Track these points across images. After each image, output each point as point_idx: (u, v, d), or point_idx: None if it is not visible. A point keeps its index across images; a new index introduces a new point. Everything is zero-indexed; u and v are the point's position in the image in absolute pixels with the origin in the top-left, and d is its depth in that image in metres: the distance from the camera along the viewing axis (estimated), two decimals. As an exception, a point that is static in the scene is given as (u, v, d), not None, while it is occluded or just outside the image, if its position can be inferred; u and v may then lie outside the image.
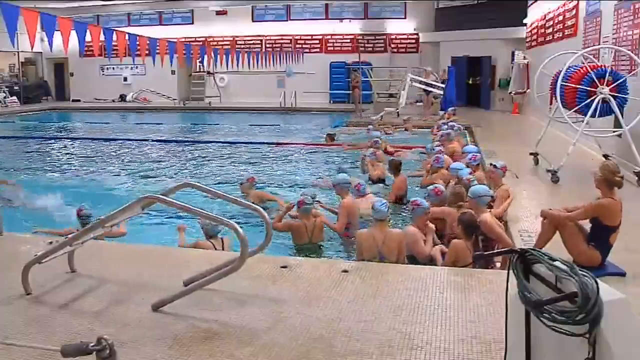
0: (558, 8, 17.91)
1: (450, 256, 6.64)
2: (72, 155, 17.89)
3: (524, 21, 23.70)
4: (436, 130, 16.15)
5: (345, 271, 5.73)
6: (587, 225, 6.02)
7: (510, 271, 2.67)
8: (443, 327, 4.54)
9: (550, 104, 12.79)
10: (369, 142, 14.58)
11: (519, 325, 2.67)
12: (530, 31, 23.18)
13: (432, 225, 7.53)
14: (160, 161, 15.92)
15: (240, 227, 4.58)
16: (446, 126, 16.01)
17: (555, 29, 18.39)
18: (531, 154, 12.01)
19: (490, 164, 9.54)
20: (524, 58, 23.31)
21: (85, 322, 4.66)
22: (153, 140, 19.86)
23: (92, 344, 2.59)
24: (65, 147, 19.72)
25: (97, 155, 17.55)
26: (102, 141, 20.42)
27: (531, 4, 22.86)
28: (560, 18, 17.58)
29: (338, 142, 17.55)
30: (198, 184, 5.79)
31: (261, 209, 5.09)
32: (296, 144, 18.23)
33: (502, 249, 2.93)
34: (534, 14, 22.41)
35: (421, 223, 7.39)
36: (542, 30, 20.46)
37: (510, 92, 24.02)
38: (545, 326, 2.45)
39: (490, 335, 4.33)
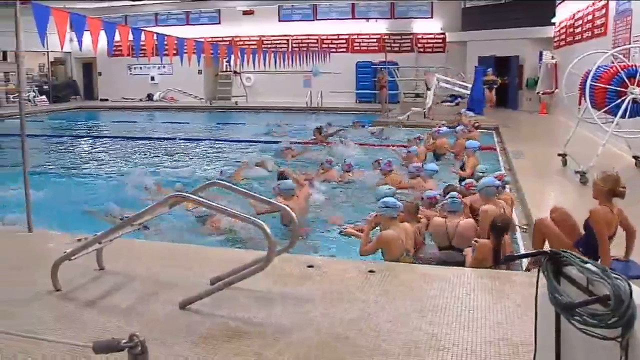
0: (587, 7, 17.72)
1: (478, 255, 6.61)
2: (100, 154, 18.08)
3: (552, 20, 23.49)
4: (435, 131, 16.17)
5: (372, 271, 5.72)
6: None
7: (541, 273, 2.64)
8: (470, 329, 4.51)
9: (579, 104, 12.63)
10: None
11: (548, 327, 2.64)
12: (559, 30, 22.95)
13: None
14: (188, 160, 15.99)
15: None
16: (445, 129, 16.08)
17: (584, 28, 18.19)
18: (559, 154, 11.87)
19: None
20: (552, 58, 23.09)
21: (113, 319, 4.71)
22: (180, 139, 19.96)
23: (124, 341, 2.60)
24: (94, 145, 19.93)
25: (124, 153, 17.70)
26: (130, 140, 20.58)
27: (559, 3, 22.64)
28: (590, 17, 17.38)
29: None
30: (226, 183, 5.82)
31: (289, 209, 5.09)
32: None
33: (534, 251, 2.90)
34: (562, 13, 22.19)
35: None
36: (571, 30, 20.24)
37: (538, 92, 23.79)
38: (576, 329, 2.42)
39: (518, 337, 4.29)
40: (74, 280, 5.47)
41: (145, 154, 17.32)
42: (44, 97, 33.02)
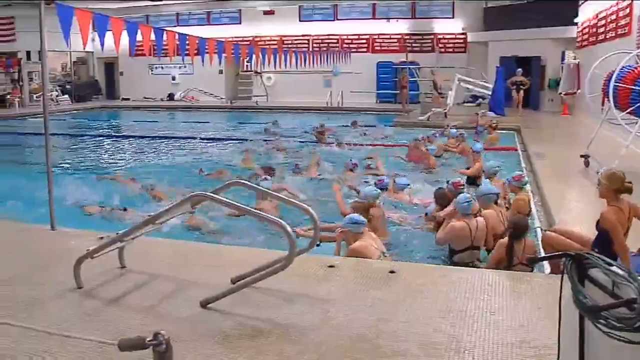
0: (611, 7, 17.54)
1: (495, 255, 6.61)
2: (121, 152, 18.22)
3: (575, 20, 23.28)
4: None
5: (392, 272, 5.70)
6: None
7: (565, 275, 2.62)
8: (491, 331, 4.48)
9: (603, 105, 12.53)
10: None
11: (572, 330, 2.61)
12: (581, 30, 22.75)
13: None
14: (208, 159, 16.04)
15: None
16: (455, 130, 16.11)
17: (607, 28, 18.01)
18: (582, 156, 11.76)
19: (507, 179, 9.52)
20: (575, 58, 22.90)
21: (135, 317, 4.74)
22: (201, 139, 20.03)
23: (148, 339, 2.62)
24: (115, 144, 20.09)
25: (146, 152, 17.81)
26: (151, 139, 20.71)
27: (582, 2, 22.45)
28: (613, 17, 17.21)
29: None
30: (248, 183, 5.84)
31: (310, 209, 5.09)
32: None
33: (558, 252, 2.86)
34: (585, 13, 22.00)
35: None
36: (594, 30, 20.05)
37: (560, 93, 23.59)
38: (600, 333, 2.39)
39: (540, 340, 4.26)
40: (96, 278, 5.51)
41: (167, 153, 17.39)
42: (66, 96, 33.37)
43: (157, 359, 2.66)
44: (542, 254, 6.66)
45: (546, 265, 6.73)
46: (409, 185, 10.69)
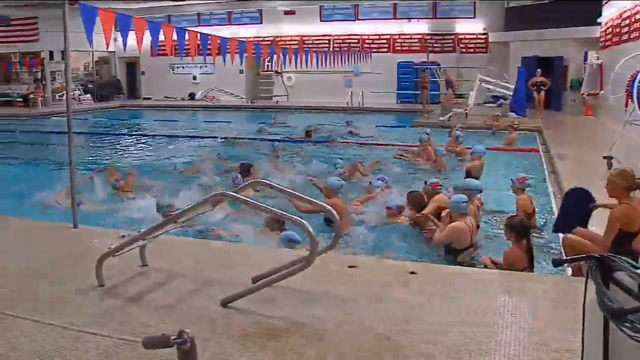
0: (635, 6, 17.35)
1: (507, 262, 6.59)
2: (142, 151, 18.35)
3: (598, 20, 23.06)
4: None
5: (413, 272, 5.68)
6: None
7: (589, 278, 2.59)
8: (512, 333, 4.45)
9: (626, 106, 12.41)
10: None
11: (596, 334, 2.59)
12: (605, 30, 22.53)
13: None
14: (230, 158, 16.08)
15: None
16: (459, 132, 16.07)
17: (632, 28, 17.81)
18: (605, 157, 11.64)
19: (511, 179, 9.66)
20: (598, 58, 22.68)
21: (155, 316, 4.76)
22: (222, 138, 20.09)
23: (173, 337, 2.62)
24: (136, 143, 20.22)
25: (166, 151, 17.91)
26: (171, 138, 20.82)
27: (606, 2, 22.22)
28: (638, 17, 17.02)
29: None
30: (269, 182, 5.84)
31: (331, 209, 5.08)
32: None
33: (582, 255, 2.83)
34: (609, 13, 21.78)
35: None
36: (618, 30, 19.84)
37: (582, 94, 23.38)
38: (626, 336, 2.36)
39: (562, 343, 4.22)
40: (118, 276, 5.55)
41: (187, 153, 17.46)
42: (88, 95, 33.64)
43: (181, 357, 2.67)
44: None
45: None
46: (383, 184, 11.03)
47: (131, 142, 21.08)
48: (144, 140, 21.29)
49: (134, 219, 9.49)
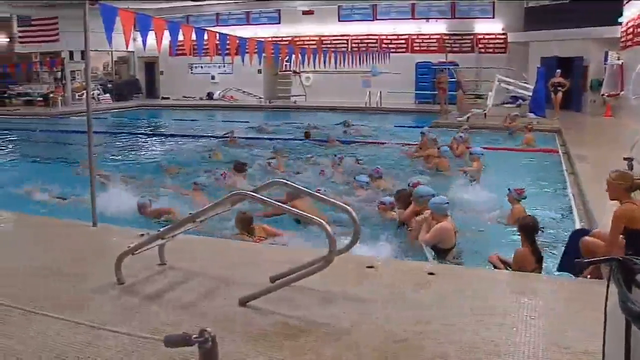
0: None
1: (516, 263, 6.57)
2: (160, 151, 18.45)
3: (619, 20, 22.86)
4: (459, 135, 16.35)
5: (431, 274, 5.67)
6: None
7: (611, 280, 2.57)
8: (530, 335, 4.42)
9: (647, 106, 12.30)
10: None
11: (618, 337, 2.56)
12: (625, 30, 22.29)
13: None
14: (248, 158, 16.12)
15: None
16: (463, 134, 16.14)
17: (653, 29, 17.66)
18: (625, 159, 11.51)
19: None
20: (618, 59, 22.47)
21: (174, 314, 4.78)
22: (240, 138, 20.13)
23: (194, 336, 2.64)
24: (154, 142, 20.33)
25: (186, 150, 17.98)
26: (190, 138, 20.90)
27: (627, 2, 22.01)
28: (659, 17, 16.86)
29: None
30: (288, 182, 5.85)
31: (350, 209, 5.07)
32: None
33: (604, 257, 2.81)
34: (629, 13, 21.56)
35: None
36: (639, 30, 19.65)
37: (602, 94, 23.17)
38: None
39: (580, 345, 4.19)
40: (137, 274, 5.59)
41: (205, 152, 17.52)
42: (107, 95, 33.85)
43: (202, 356, 2.68)
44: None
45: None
46: (367, 182, 11.14)
47: (143, 141, 21.34)
48: (154, 140, 21.61)
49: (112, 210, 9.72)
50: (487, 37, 30.69)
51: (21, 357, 4.09)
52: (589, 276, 6.11)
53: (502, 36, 30.16)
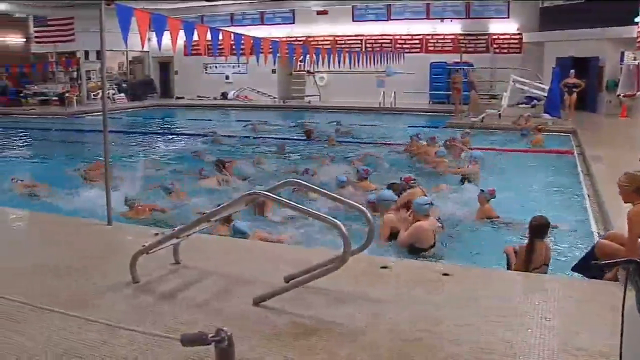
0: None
1: (520, 258, 6.58)
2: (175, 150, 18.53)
3: (635, 20, 22.68)
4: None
5: (446, 274, 5.66)
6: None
7: (628, 282, 2.55)
8: (545, 336, 4.40)
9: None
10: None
11: (635, 339, 2.55)
12: (641, 30, 22.15)
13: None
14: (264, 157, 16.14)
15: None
16: (461, 136, 16.24)
17: (670, 29, 17.49)
18: (641, 159, 11.47)
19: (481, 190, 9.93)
20: (634, 59, 22.30)
21: (189, 313, 4.80)
22: (255, 137, 20.18)
23: (211, 335, 2.64)
24: (169, 142, 20.41)
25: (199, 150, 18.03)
26: (203, 137, 20.96)
27: (643, 1, 21.86)
28: (676, 17, 16.70)
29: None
30: (302, 182, 5.85)
31: (365, 209, 5.07)
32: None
33: (623, 259, 2.79)
34: (646, 13, 21.42)
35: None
36: (656, 30, 19.50)
37: (618, 95, 23.01)
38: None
39: (597, 348, 4.17)
40: (151, 273, 5.62)
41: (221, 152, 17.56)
42: (122, 94, 33.99)
43: (219, 355, 2.68)
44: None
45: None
46: (344, 181, 11.18)
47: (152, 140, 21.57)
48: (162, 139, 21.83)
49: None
50: (502, 37, 30.53)
51: (35, 355, 4.12)
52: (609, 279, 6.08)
53: (517, 36, 30.01)
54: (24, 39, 35.22)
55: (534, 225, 6.73)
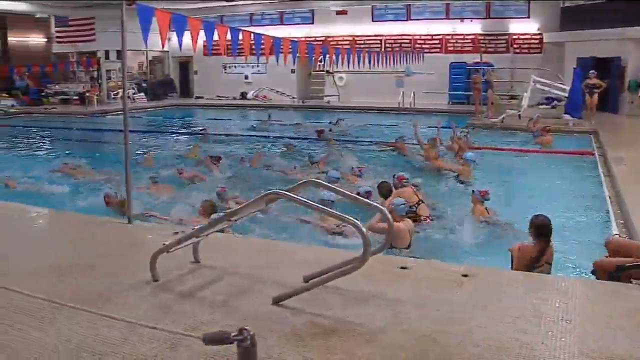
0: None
1: (520, 260, 6.59)
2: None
3: (658, 19, 22.48)
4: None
5: (465, 275, 5.63)
6: None
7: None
8: (566, 339, 4.36)
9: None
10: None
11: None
12: (664, 30, 21.92)
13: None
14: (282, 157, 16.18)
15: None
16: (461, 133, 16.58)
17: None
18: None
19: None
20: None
21: (208, 312, 4.81)
22: (274, 137, 20.22)
23: (233, 334, 2.65)
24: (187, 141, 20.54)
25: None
26: (224, 136, 21.04)
27: (666, 1, 21.65)
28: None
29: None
30: (322, 182, 5.85)
31: (384, 209, 5.05)
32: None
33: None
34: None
35: None
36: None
37: (640, 95, 22.82)
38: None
39: (619, 351, 4.12)
40: (171, 272, 5.63)
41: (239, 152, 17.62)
42: (142, 94, 34.19)
43: (241, 354, 2.69)
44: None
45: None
46: (338, 178, 11.55)
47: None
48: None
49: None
50: (522, 37, 30.37)
51: (55, 352, 4.15)
52: (633, 280, 6.02)
53: (538, 36, 29.83)
54: (46, 39, 35.61)
55: (541, 224, 6.69)
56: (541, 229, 6.65)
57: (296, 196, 4.89)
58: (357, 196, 5.75)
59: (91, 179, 13.11)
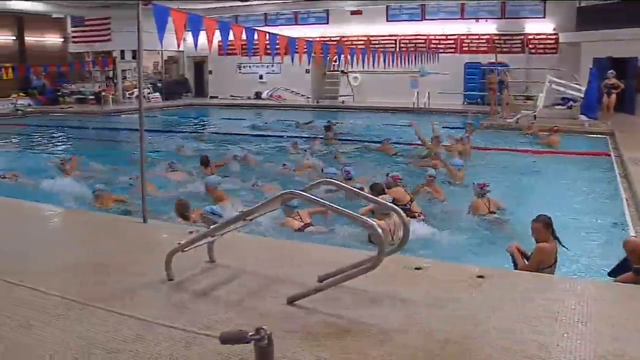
0: None
1: (535, 258, 6.58)
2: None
3: (676, 19, 22.27)
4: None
5: (481, 276, 5.60)
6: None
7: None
8: (583, 341, 4.33)
9: None
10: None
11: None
12: (682, 30, 21.71)
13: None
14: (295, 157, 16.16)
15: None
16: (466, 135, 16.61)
17: None
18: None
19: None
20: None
21: (223, 311, 4.83)
22: (288, 137, 20.20)
23: (250, 334, 2.65)
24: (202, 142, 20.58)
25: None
26: (238, 136, 21.09)
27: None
28: None
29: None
30: (336, 182, 5.85)
31: (399, 209, 5.05)
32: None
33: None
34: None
35: None
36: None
37: (656, 96, 22.59)
38: None
39: (636, 353, 4.09)
40: (186, 271, 5.65)
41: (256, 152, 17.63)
42: (157, 94, 34.33)
43: (258, 354, 2.69)
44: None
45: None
46: (336, 174, 11.61)
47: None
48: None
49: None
50: (537, 37, 30.22)
51: (70, 349, 4.18)
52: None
53: (553, 36, 29.67)
54: (62, 39, 35.83)
55: (551, 223, 6.67)
56: (552, 227, 6.65)
57: (310, 196, 4.90)
58: (372, 197, 5.73)
59: (105, 179, 13.13)
